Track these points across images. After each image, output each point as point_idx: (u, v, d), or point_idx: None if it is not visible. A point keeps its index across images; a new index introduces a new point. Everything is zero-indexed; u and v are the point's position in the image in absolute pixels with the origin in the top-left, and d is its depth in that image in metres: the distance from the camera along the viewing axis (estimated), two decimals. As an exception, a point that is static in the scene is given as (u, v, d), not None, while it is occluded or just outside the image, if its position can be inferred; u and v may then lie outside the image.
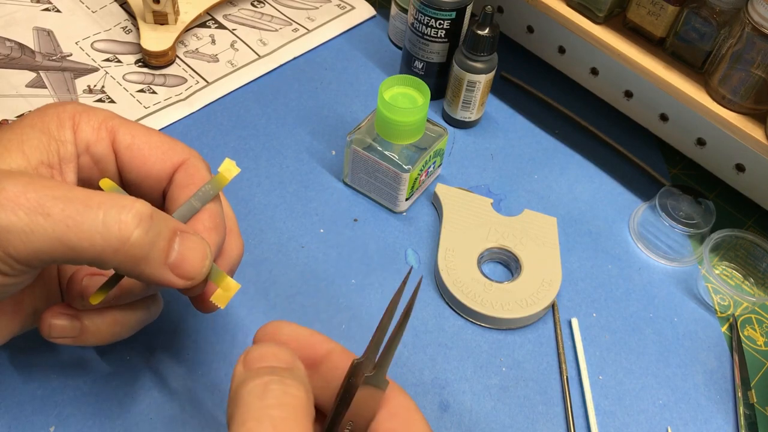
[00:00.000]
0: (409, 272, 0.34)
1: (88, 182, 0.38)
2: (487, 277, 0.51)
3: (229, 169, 0.38)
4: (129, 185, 0.39)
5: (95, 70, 0.62)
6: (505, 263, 0.53)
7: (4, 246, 0.30)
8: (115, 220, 0.31)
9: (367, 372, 0.33)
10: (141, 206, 0.32)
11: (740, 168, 0.55)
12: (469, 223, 0.54)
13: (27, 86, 0.59)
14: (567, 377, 0.48)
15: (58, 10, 0.66)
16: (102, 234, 0.31)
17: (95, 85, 0.61)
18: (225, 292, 0.37)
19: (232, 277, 0.39)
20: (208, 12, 0.68)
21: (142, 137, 0.38)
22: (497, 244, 0.53)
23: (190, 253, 0.34)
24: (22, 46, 0.62)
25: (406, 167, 0.52)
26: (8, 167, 0.34)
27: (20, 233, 0.30)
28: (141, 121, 0.59)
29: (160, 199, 0.39)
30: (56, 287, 0.40)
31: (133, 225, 0.32)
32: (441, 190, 0.56)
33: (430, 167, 0.55)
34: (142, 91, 0.61)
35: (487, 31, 0.56)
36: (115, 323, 0.39)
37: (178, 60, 0.64)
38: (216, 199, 0.38)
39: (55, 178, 0.36)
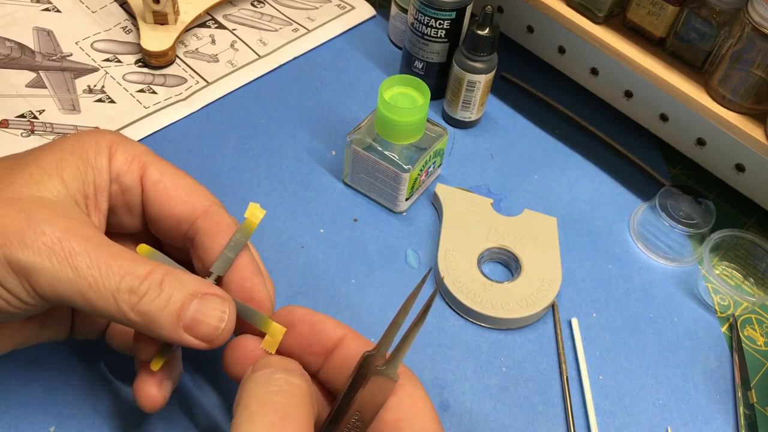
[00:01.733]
0: (428, 273, 0.35)
1: (113, 210, 0.39)
2: (487, 277, 0.51)
3: (254, 213, 0.40)
4: (151, 221, 0.40)
5: (95, 70, 0.62)
6: (505, 263, 0.53)
7: (33, 283, 0.33)
8: (127, 288, 0.33)
9: (379, 364, 0.33)
10: (156, 276, 0.34)
11: (740, 168, 0.55)
12: (469, 223, 0.54)
13: (27, 86, 0.60)
14: (567, 377, 0.48)
15: (58, 10, 0.67)
16: (115, 299, 0.33)
17: (95, 85, 0.61)
18: (272, 338, 0.38)
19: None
20: (208, 12, 0.68)
21: (169, 176, 0.39)
22: (497, 244, 0.53)
23: (205, 316, 0.35)
24: (22, 46, 0.62)
25: (406, 167, 0.52)
26: (48, 194, 0.35)
27: (49, 277, 0.33)
28: (141, 121, 0.59)
29: (181, 240, 0.40)
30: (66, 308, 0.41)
31: (142, 293, 0.34)
32: (441, 190, 0.56)
33: (430, 167, 0.55)
34: (142, 91, 0.61)
35: (487, 31, 0.56)
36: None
37: (178, 60, 0.64)
38: (245, 246, 0.39)
39: (89, 208, 0.37)
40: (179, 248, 0.41)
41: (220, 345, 0.36)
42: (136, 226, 0.41)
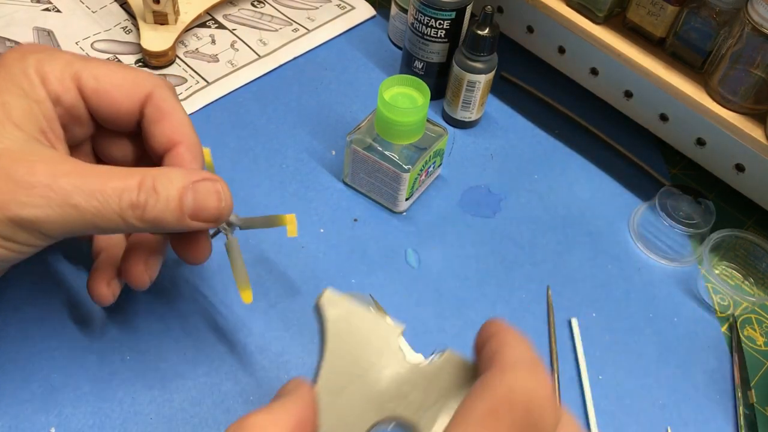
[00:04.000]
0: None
1: (65, 128, 0.40)
2: None
3: (291, 225, 0.43)
4: (106, 124, 0.41)
5: (95, 70, 0.62)
6: None
7: (44, 231, 0.35)
8: (128, 205, 0.35)
9: None
10: (148, 182, 0.36)
11: (740, 168, 0.55)
12: (361, 368, 0.32)
13: (27, 86, 0.59)
14: (558, 376, 0.48)
15: (58, 10, 0.67)
16: (122, 217, 0.36)
17: (95, 85, 0.61)
18: (291, 225, 0.43)
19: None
20: (208, 12, 0.68)
21: (105, 78, 0.40)
22: (395, 415, 0.31)
23: (204, 200, 0.38)
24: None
25: (406, 167, 0.52)
26: (10, 143, 0.36)
27: (57, 222, 0.34)
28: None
29: (137, 128, 0.42)
30: None
31: (143, 203, 0.36)
32: (329, 299, 0.33)
33: (430, 167, 0.55)
34: (142, 91, 0.61)
35: (487, 31, 0.56)
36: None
37: (178, 60, 0.64)
38: (187, 125, 0.41)
39: (51, 141, 0.38)
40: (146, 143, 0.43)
41: (225, 219, 0.40)
42: (91, 131, 0.42)
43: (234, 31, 0.67)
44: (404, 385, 0.32)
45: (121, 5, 0.68)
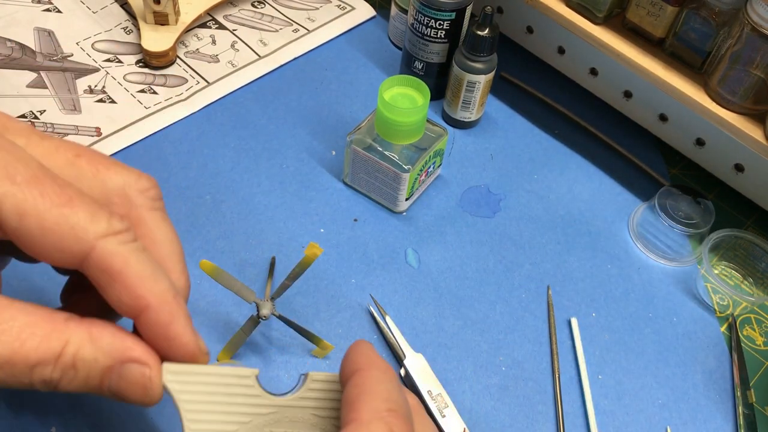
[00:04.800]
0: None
1: None
2: None
3: (314, 252, 0.42)
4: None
5: (96, 70, 0.62)
6: None
7: None
8: (40, 381, 0.29)
9: None
10: (68, 356, 0.30)
11: (739, 168, 0.55)
12: (227, 426, 0.32)
13: (28, 86, 0.60)
14: (559, 375, 0.48)
15: (58, 11, 0.67)
16: (32, 386, 0.30)
17: (96, 86, 0.61)
18: (323, 350, 0.46)
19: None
20: (208, 12, 0.68)
21: (31, 220, 0.29)
22: None
23: (127, 389, 0.31)
24: (22, 47, 0.63)
25: (406, 167, 0.52)
26: None
27: None
28: (142, 122, 0.59)
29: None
30: None
31: (56, 381, 0.30)
32: (170, 372, 0.32)
33: (430, 167, 0.55)
34: (142, 91, 0.61)
35: (486, 31, 0.56)
36: None
37: (178, 60, 0.64)
38: (148, 279, 0.31)
39: None
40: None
41: (154, 404, 0.32)
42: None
43: (234, 32, 0.68)
44: (272, 426, 0.33)
45: (121, 5, 0.68)
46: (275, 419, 0.33)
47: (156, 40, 0.62)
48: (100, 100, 0.60)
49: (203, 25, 0.68)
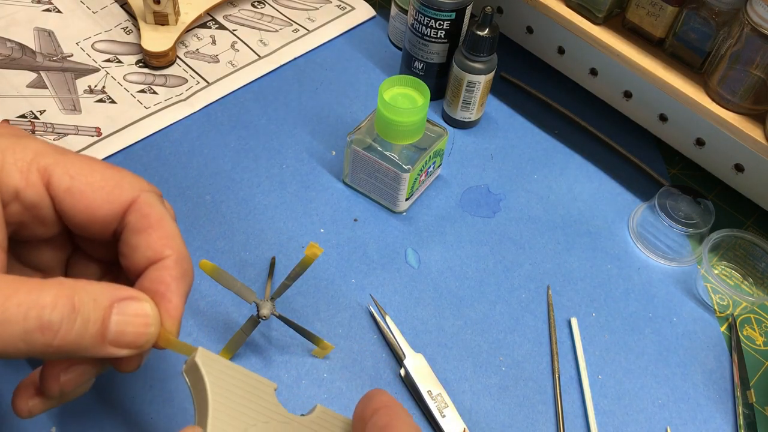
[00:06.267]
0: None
1: (21, 227, 0.35)
2: None
3: (314, 252, 0.42)
4: (73, 228, 0.35)
5: (96, 70, 0.62)
6: None
7: None
8: (36, 326, 0.29)
9: None
10: (61, 302, 0.29)
11: (739, 168, 0.55)
12: (243, 423, 0.33)
13: (28, 87, 0.60)
14: (559, 375, 0.48)
15: (58, 11, 0.67)
16: (26, 341, 0.29)
17: (96, 86, 0.61)
18: (323, 350, 0.46)
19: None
20: (208, 13, 0.68)
21: (82, 178, 0.34)
22: None
23: (129, 325, 0.31)
24: (23, 47, 0.63)
25: (406, 167, 0.52)
26: None
27: None
28: (142, 122, 0.59)
29: (110, 237, 0.36)
30: None
31: (56, 325, 0.29)
32: (204, 359, 0.33)
33: (430, 167, 0.55)
34: (142, 91, 0.61)
35: (486, 31, 0.56)
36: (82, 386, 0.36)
37: (178, 60, 0.64)
38: (177, 237, 0.35)
39: None
40: (106, 244, 0.36)
41: (150, 347, 0.33)
42: (54, 232, 0.36)
43: (234, 32, 0.68)
44: None
45: (121, 6, 0.68)
46: (291, 429, 0.33)
47: (156, 40, 0.62)
48: (100, 100, 0.60)
49: (203, 25, 0.68)
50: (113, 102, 0.60)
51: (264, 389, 0.34)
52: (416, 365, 0.47)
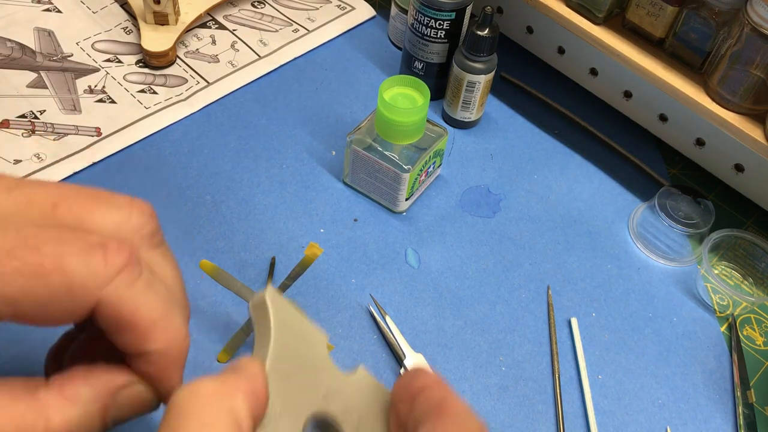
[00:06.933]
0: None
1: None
2: None
3: (314, 252, 0.41)
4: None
5: (96, 70, 0.62)
6: None
7: None
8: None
9: None
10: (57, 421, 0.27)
11: (739, 168, 0.55)
12: (300, 362, 0.33)
13: (28, 86, 0.60)
14: (559, 375, 0.48)
15: (58, 11, 0.67)
16: None
17: (96, 86, 0.61)
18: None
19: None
20: (208, 12, 0.68)
21: (23, 298, 0.26)
22: (327, 411, 0.33)
23: (126, 409, 0.30)
24: (23, 47, 0.63)
25: (406, 167, 0.52)
26: None
27: None
28: (142, 122, 0.59)
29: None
30: None
31: None
32: (273, 296, 0.33)
33: (430, 167, 0.55)
34: (142, 91, 0.61)
35: (486, 31, 0.56)
36: None
37: (178, 60, 0.64)
38: (165, 325, 0.30)
39: None
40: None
41: (157, 408, 0.31)
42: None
43: (234, 32, 0.68)
44: (332, 387, 0.33)
45: (121, 6, 0.68)
46: (337, 385, 0.33)
47: (156, 40, 0.62)
48: (100, 100, 0.60)
49: (203, 25, 0.68)
50: (113, 102, 0.60)
51: (319, 338, 0.34)
52: (416, 365, 0.47)
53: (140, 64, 0.63)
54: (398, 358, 0.48)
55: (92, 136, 0.57)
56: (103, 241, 0.28)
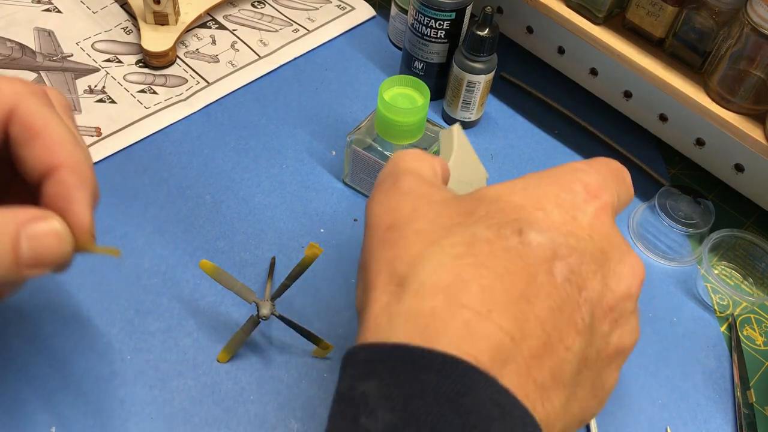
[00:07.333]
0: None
1: None
2: None
3: (314, 252, 0.42)
4: None
5: (96, 70, 0.62)
6: None
7: None
8: None
9: None
10: None
11: (739, 168, 0.55)
12: (468, 178, 0.46)
13: (28, 86, 0.60)
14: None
15: (58, 11, 0.67)
16: None
17: (96, 86, 0.61)
18: (324, 350, 0.46)
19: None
20: (208, 12, 0.68)
21: None
22: None
23: (42, 248, 0.31)
24: (23, 47, 0.63)
25: (405, 167, 0.52)
26: None
27: None
28: (142, 122, 0.59)
29: (2, 150, 0.34)
30: None
31: None
32: (458, 130, 0.47)
33: (429, 167, 0.55)
34: (142, 91, 0.61)
35: (486, 31, 0.56)
36: None
37: (178, 60, 0.64)
38: (66, 142, 0.33)
39: None
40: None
41: (69, 263, 0.33)
42: None
43: (234, 32, 0.68)
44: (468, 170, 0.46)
45: (121, 6, 0.68)
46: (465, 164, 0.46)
47: (156, 40, 0.62)
48: (100, 100, 0.60)
49: (203, 25, 0.68)
50: (113, 102, 0.60)
51: (482, 174, 0.48)
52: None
53: (140, 64, 0.63)
54: (398, 358, 0.48)
55: (92, 136, 0.57)
56: (23, 80, 0.34)
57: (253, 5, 0.71)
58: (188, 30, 0.66)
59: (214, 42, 0.66)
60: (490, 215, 0.32)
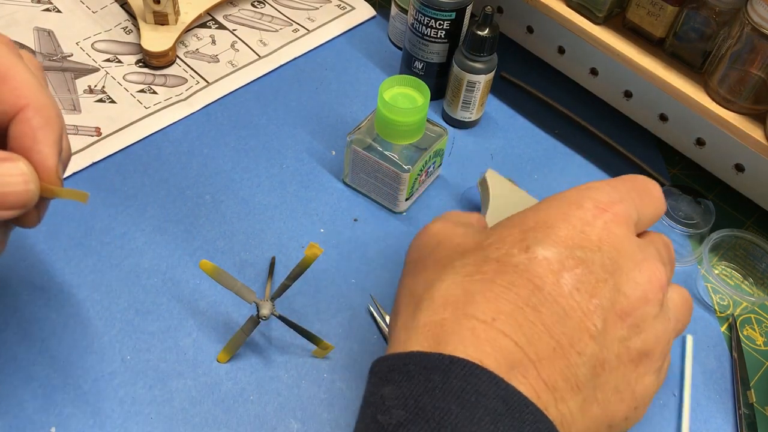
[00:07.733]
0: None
1: None
2: None
3: (314, 252, 0.42)
4: None
5: (96, 70, 0.62)
6: None
7: None
8: None
9: None
10: None
11: (739, 168, 0.55)
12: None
13: (28, 86, 0.60)
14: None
15: (58, 11, 0.67)
16: None
17: (96, 86, 0.61)
18: (324, 350, 0.46)
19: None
20: (208, 12, 0.68)
21: None
22: None
23: (6, 188, 0.31)
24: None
25: (406, 167, 0.52)
26: None
27: None
28: (141, 122, 0.59)
29: None
30: None
31: None
32: (491, 175, 0.52)
33: (430, 167, 0.55)
34: (142, 91, 0.61)
35: (486, 31, 0.56)
36: None
37: (178, 60, 0.64)
38: (31, 84, 0.34)
39: None
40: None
41: (33, 204, 0.33)
42: None
43: (234, 32, 0.68)
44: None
45: (121, 5, 0.68)
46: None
47: (156, 40, 0.62)
48: (100, 100, 0.60)
49: (203, 25, 0.68)
50: (113, 102, 0.60)
51: (528, 199, 0.51)
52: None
53: (140, 64, 0.63)
54: (398, 358, 0.48)
55: (92, 136, 0.57)
56: None
57: (253, 5, 0.70)
58: (188, 30, 0.66)
59: (214, 42, 0.66)
60: (502, 239, 0.35)
